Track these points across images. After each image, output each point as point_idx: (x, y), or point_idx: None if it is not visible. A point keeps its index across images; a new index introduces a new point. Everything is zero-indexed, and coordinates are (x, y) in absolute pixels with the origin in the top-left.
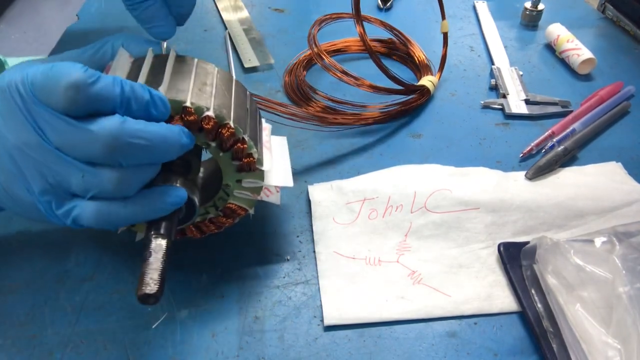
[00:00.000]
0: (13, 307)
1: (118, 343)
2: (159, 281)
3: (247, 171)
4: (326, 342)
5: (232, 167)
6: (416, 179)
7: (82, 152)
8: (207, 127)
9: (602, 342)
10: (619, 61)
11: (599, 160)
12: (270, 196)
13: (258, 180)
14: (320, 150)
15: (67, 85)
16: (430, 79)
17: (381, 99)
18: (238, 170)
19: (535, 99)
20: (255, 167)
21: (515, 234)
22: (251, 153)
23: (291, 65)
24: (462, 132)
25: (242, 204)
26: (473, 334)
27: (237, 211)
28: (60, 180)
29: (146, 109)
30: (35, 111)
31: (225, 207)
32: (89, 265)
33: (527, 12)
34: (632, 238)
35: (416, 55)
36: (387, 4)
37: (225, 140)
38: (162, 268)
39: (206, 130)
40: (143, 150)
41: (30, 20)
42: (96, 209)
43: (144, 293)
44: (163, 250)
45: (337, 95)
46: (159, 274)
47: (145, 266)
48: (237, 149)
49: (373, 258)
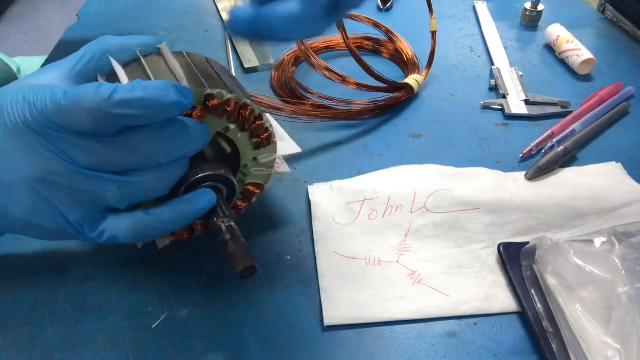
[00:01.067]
0: (13, 307)
1: (118, 343)
2: (249, 253)
3: (264, 146)
4: (326, 342)
5: (250, 145)
6: (416, 179)
7: (116, 164)
8: (229, 109)
9: (602, 342)
10: (618, 62)
11: (599, 160)
12: (280, 167)
13: (272, 153)
14: (320, 151)
15: (89, 109)
16: (416, 77)
17: (368, 97)
18: (256, 147)
19: (535, 100)
20: (272, 139)
21: (515, 235)
22: (267, 127)
23: (279, 61)
24: (462, 133)
25: (258, 180)
26: (473, 334)
27: (254, 191)
28: (94, 199)
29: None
30: (56, 138)
31: (244, 190)
32: (89, 265)
33: (527, 13)
34: (632, 238)
35: (405, 52)
36: (387, 5)
37: (247, 119)
38: (245, 242)
39: (229, 113)
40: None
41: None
42: (130, 224)
43: (243, 267)
44: (235, 228)
45: (325, 93)
46: (245, 248)
47: (230, 247)
48: (256, 126)
49: (373, 258)
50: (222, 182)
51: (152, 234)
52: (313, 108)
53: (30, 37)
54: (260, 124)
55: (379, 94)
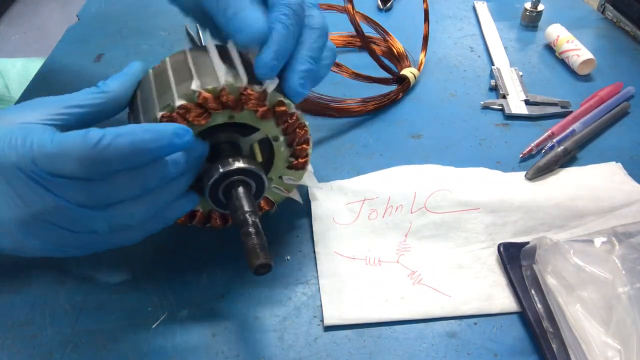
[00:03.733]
0: (13, 307)
1: (118, 343)
2: (267, 251)
3: (296, 169)
4: (326, 342)
5: (285, 163)
6: (416, 179)
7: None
8: (290, 121)
9: (602, 342)
10: (618, 62)
11: (599, 160)
12: (293, 194)
13: (297, 178)
14: (320, 151)
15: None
16: (412, 70)
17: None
18: (289, 167)
19: (535, 100)
20: (306, 167)
21: (515, 235)
22: (308, 153)
23: None
24: (462, 133)
25: (272, 197)
26: (473, 334)
27: (263, 207)
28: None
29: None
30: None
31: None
32: (89, 265)
33: (527, 13)
34: (632, 238)
35: (395, 47)
36: (387, 5)
37: (299, 139)
38: (264, 240)
39: (288, 125)
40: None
41: (31, 21)
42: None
43: (259, 263)
44: (258, 224)
45: (316, 90)
46: (264, 245)
47: (251, 242)
48: (301, 149)
49: (373, 258)
50: (253, 178)
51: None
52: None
53: (30, 37)
54: (305, 148)
55: (372, 93)
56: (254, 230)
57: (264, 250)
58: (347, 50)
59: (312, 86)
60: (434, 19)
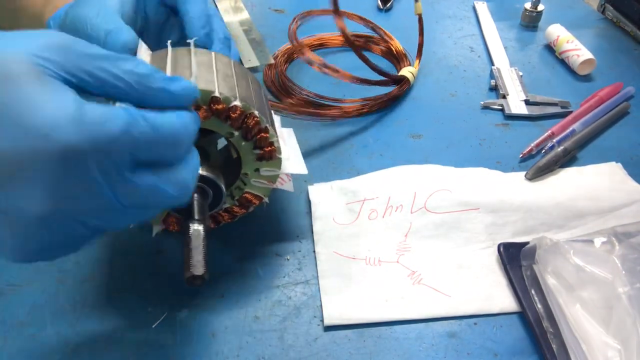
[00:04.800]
0: (13, 307)
1: (118, 343)
2: (204, 263)
3: (267, 160)
4: (326, 342)
5: (252, 155)
6: (416, 179)
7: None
8: (234, 115)
9: (602, 342)
10: (618, 62)
11: (599, 160)
12: (284, 184)
13: (275, 169)
14: (320, 151)
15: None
16: (410, 69)
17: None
18: (258, 159)
19: (535, 100)
20: (276, 155)
21: (515, 235)
22: (272, 142)
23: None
24: (462, 133)
25: (258, 192)
26: (473, 334)
27: (252, 200)
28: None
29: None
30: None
31: (242, 197)
32: (89, 265)
33: (527, 13)
34: (632, 238)
35: (394, 47)
36: (387, 5)
37: (251, 129)
38: (205, 251)
39: (232, 119)
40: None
41: None
42: None
43: (192, 275)
44: (202, 234)
45: (315, 91)
46: (203, 257)
47: (188, 251)
48: (260, 138)
49: (373, 258)
50: (212, 186)
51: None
52: (305, 105)
53: None
54: (264, 137)
55: (371, 93)
56: (191, 240)
57: (199, 261)
58: (343, 50)
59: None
60: (434, 19)
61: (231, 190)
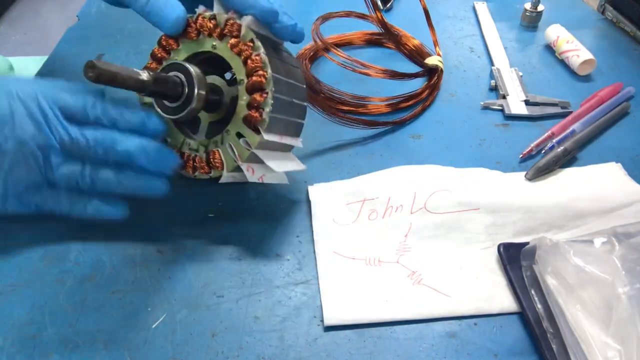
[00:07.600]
0: (13, 307)
1: (118, 343)
2: (109, 68)
3: (249, 125)
4: (326, 342)
5: (243, 112)
6: (416, 179)
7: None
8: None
9: (602, 342)
10: (618, 62)
11: (599, 161)
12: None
13: (251, 143)
14: (320, 151)
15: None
16: (437, 58)
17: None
18: (244, 120)
19: (535, 100)
20: (258, 125)
21: (515, 235)
22: (262, 109)
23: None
24: (462, 133)
25: (225, 158)
26: (473, 334)
27: (215, 163)
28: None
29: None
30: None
31: (211, 151)
32: (89, 265)
33: (526, 13)
34: (632, 239)
35: (410, 43)
36: (387, 5)
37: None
38: (122, 69)
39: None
40: None
41: (31, 21)
42: None
43: (90, 61)
44: (141, 76)
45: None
46: (115, 70)
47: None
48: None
49: (373, 258)
50: (182, 71)
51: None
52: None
53: (31, 37)
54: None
55: (395, 92)
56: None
57: (106, 64)
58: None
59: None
60: (434, 20)
61: (209, 141)
